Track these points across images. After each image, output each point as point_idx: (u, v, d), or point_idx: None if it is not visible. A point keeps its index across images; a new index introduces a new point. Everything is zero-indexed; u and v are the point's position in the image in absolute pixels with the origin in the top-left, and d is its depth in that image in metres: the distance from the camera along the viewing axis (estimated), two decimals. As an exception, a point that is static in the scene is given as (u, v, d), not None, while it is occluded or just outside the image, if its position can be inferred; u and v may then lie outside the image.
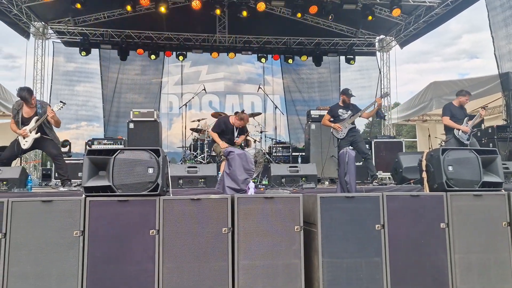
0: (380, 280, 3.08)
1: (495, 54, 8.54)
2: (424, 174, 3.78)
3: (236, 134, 6.78)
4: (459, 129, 6.57)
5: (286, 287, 3.00)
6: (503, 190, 3.55)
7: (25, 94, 5.52)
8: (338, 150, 7.06)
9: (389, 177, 8.40)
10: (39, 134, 5.62)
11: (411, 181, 5.28)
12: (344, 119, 6.81)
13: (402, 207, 3.23)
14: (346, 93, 6.91)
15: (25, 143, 5.61)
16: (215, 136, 6.57)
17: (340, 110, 6.89)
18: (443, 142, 8.86)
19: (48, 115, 5.57)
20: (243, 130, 7.00)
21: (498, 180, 3.59)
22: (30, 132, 5.58)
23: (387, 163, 8.23)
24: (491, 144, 7.80)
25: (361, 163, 7.88)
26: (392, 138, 10.21)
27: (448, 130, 6.82)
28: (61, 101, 5.93)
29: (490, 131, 8.21)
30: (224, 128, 6.68)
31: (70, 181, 5.82)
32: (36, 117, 5.62)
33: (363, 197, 3.23)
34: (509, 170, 5.73)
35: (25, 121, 5.62)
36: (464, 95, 6.83)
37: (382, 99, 6.93)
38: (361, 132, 8.41)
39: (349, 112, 6.82)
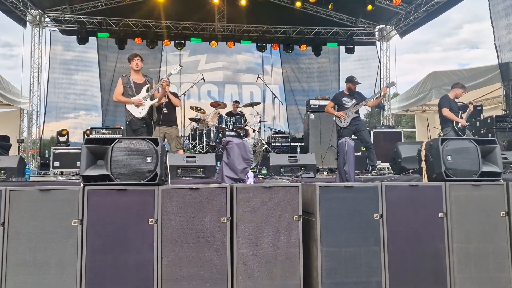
0: (379, 269, 3.09)
1: (495, 44, 8.50)
2: (423, 164, 3.78)
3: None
4: (458, 122, 6.55)
5: (285, 276, 3.01)
6: (501, 180, 3.55)
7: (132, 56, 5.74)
8: (339, 139, 7.01)
9: (387, 167, 8.42)
10: (156, 99, 5.56)
11: (410, 171, 5.27)
12: (348, 107, 6.67)
13: (401, 196, 3.22)
14: (351, 80, 6.73)
15: (141, 111, 5.48)
16: None
17: (345, 98, 6.74)
18: (442, 133, 8.86)
19: (163, 82, 5.45)
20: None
21: (497, 170, 3.58)
22: (146, 100, 5.48)
23: (386, 153, 8.23)
24: (490, 134, 7.79)
25: (360, 153, 7.90)
26: (391, 128, 10.23)
27: (445, 122, 6.78)
28: (179, 65, 5.86)
29: (489, 121, 8.20)
30: None
31: None
32: (147, 86, 5.54)
33: (362, 186, 3.23)
34: (508, 160, 5.72)
35: (137, 88, 5.53)
36: (461, 87, 6.81)
37: (388, 89, 6.83)
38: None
39: (354, 100, 6.68)
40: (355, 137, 6.70)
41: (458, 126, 6.55)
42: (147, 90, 5.53)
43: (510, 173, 5.44)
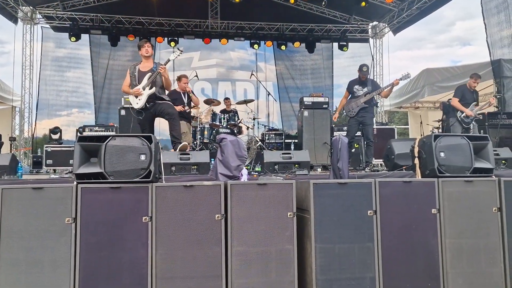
0: (372, 265, 3.11)
1: (487, 41, 8.56)
2: (416, 161, 3.80)
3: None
4: (463, 112, 6.74)
5: (279, 272, 3.02)
6: (493, 176, 3.59)
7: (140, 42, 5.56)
8: (347, 129, 7.01)
9: (381, 164, 8.45)
10: (154, 89, 5.33)
11: (403, 167, 5.31)
12: (359, 96, 6.58)
13: (394, 193, 3.24)
14: (360, 69, 6.63)
15: (138, 102, 5.31)
16: None
17: (356, 86, 6.64)
18: (435, 129, 8.93)
19: (160, 69, 5.27)
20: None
21: (489, 166, 3.62)
22: (144, 89, 5.30)
23: (379, 150, 8.26)
24: (482, 131, 7.85)
25: (353, 150, 7.92)
26: (384, 125, 10.26)
27: (452, 112, 7.00)
28: (178, 48, 5.70)
29: (481, 117, 8.25)
30: None
31: (181, 144, 5.54)
32: (148, 74, 5.36)
33: (356, 183, 3.24)
34: (500, 156, 5.77)
35: (140, 77, 5.37)
36: (471, 77, 7.12)
37: (401, 81, 6.82)
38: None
39: (365, 89, 6.57)
40: (362, 128, 6.75)
41: (461, 116, 6.74)
42: (149, 78, 5.38)
43: (502, 169, 5.50)
